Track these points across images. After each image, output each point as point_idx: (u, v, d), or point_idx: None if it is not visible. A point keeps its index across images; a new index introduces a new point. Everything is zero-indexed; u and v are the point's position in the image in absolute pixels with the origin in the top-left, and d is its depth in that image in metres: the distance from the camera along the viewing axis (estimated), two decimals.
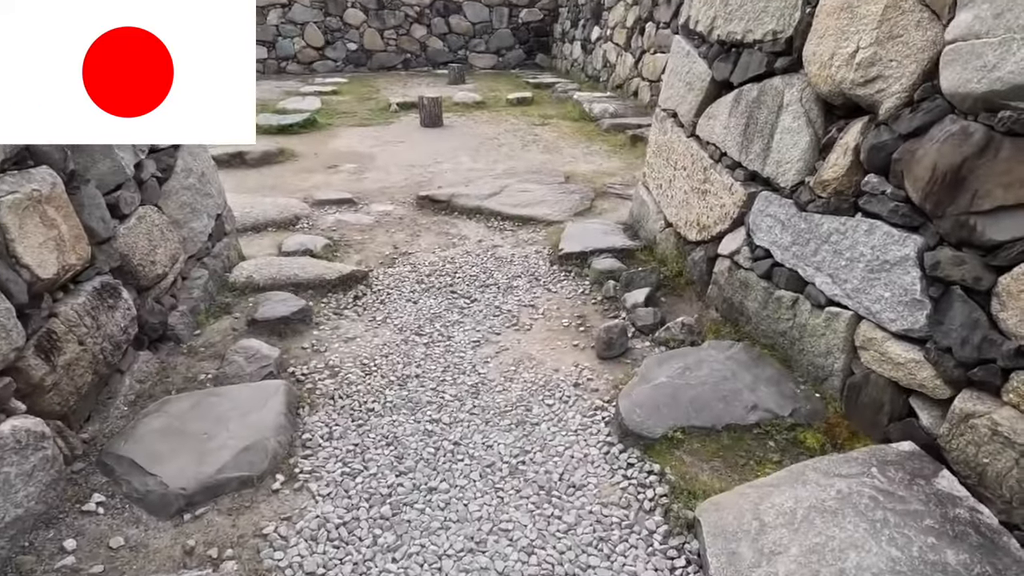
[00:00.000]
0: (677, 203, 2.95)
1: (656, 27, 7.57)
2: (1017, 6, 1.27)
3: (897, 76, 1.62)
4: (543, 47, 12.81)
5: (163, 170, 2.50)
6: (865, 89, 1.73)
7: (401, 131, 6.86)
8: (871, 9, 1.69)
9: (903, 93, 1.61)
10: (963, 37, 1.40)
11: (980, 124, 1.39)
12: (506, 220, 3.96)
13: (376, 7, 12.01)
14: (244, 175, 5.06)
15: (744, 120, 2.35)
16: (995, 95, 1.34)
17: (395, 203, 4.36)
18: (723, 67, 2.55)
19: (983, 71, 1.35)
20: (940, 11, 1.51)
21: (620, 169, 5.13)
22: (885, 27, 1.64)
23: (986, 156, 1.37)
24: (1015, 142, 1.31)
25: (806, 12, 2.03)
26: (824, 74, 1.89)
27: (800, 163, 2.04)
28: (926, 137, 1.54)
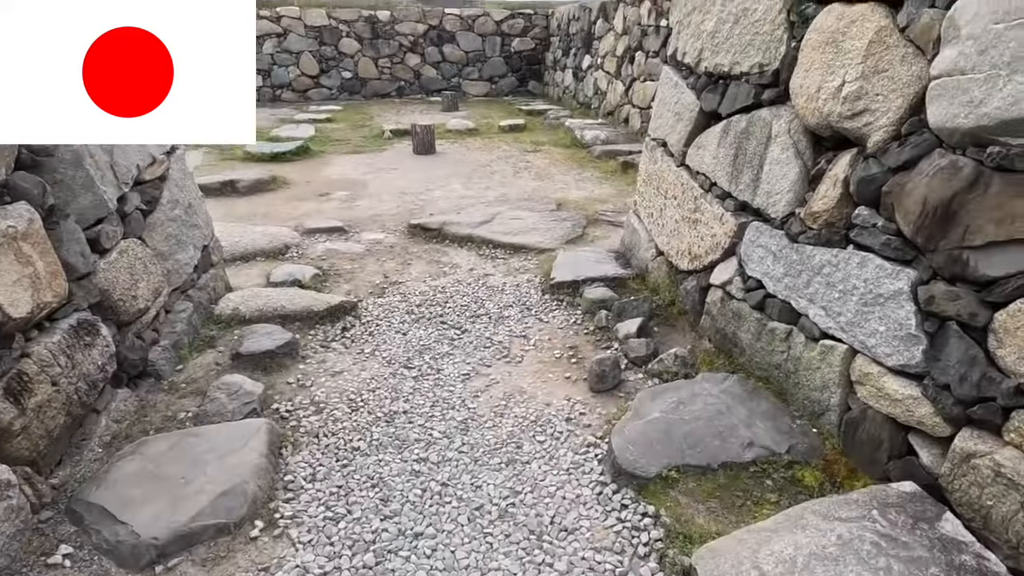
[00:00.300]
0: (668, 232, 2.93)
1: (646, 56, 7.70)
2: (1001, 43, 1.27)
3: (884, 110, 1.62)
4: (535, 75, 13.02)
5: (148, 202, 2.46)
6: (852, 122, 1.73)
7: (394, 158, 6.89)
8: (856, 44, 1.70)
9: (890, 127, 1.61)
10: (948, 73, 1.40)
11: (969, 159, 1.38)
12: (498, 248, 3.94)
13: (371, 36, 12.19)
14: (235, 203, 5.03)
15: (733, 151, 2.35)
16: (983, 130, 1.33)
17: (386, 231, 4.33)
18: (711, 98, 2.56)
19: (970, 106, 1.34)
20: (925, 47, 1.51)
21: (612, 196, 5.15)
22: (870, 62, 1.65)
23: (976, 191, 1.35)
24: (1005, 177, 1.30)
25: (791, 46, 2.05)
26: (811, 107, 1.89)
27: (790, 194, 2.03)
28: (915, 170, 1.53)
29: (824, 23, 1.84)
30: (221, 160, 6.68)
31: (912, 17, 1.54)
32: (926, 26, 1.49)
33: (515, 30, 12.66)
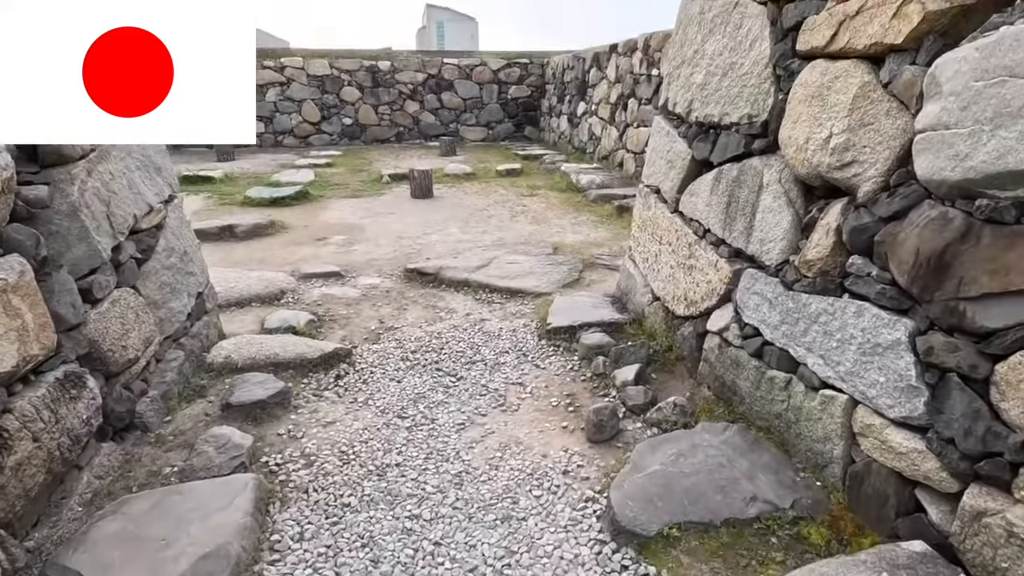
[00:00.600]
0: (664, 277, 2.94)
1: (638, 103, 7.93)
2: (982, 100, 1.30)
3: (872, 161, 1.64)
4: (531, 120, 13.36)
5: (143, 251, 2.46)
6: (841, 173, 1.75)
7: (392, 202, 6.97)
8: (841, 98, 1.74)
9: (879, 178, 1.63)
10: (932, 127, 1.43)
11: (959, 211, 1.39)
12: (494, 293, 3.94)
13: (371, 85, 12.56)
14: (232, 248, 5.06)
15: (726, 198, 2.38)
16: (970, 183, 1.34)
17: (383, 276, 4.34)
18: (702, 147, 2.61)
19: (956, 160, 1.36)
20: (908, 102, 1.55)
21: (607, 239, 5.19)
22: (856, 115, 1.68)
23: (968, 242, 1.36)
24: (995, 230, 1.31)
25: (778, 98, 2.10)
26: (801, 157, 1.92)
27: (783, 242, 2.04)
28: (906, 221, 1.54)
29: (809, 78, 1.89)
30: (220, 205, 6.75)
31: (894, 74, 1.59)
32: (908, 82, 1.53)
33: (511, 78, 13.07)
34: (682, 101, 2.80)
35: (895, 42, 1.57)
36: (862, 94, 1.67)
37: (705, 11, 2.61)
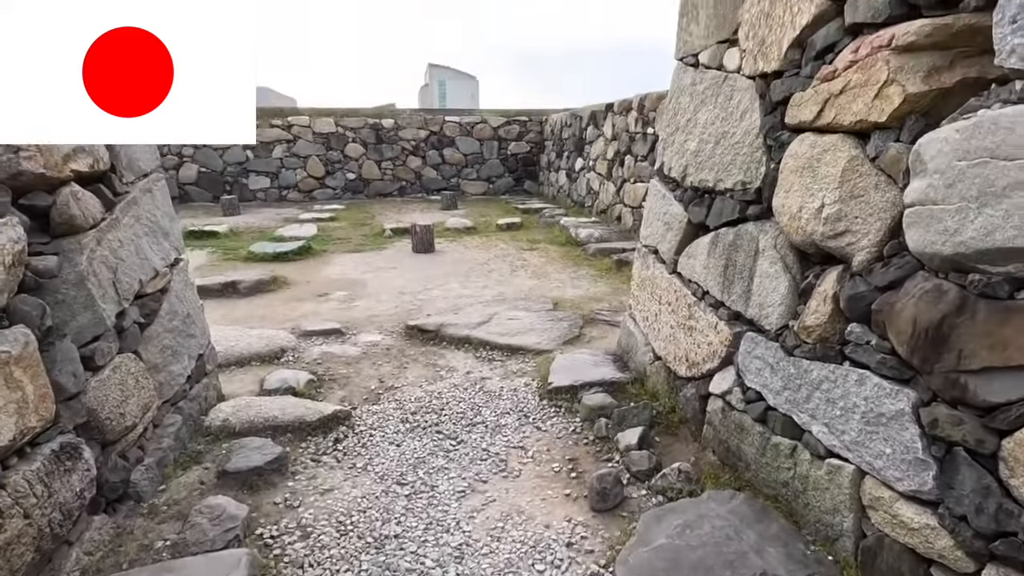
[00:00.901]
0: (664, 337, 2.94)
1: (635, 160, 8.15)
2: (967, 179, 1.35)
3: (864, 232, 1.68)
4: (531, 175, 13.69)
5: (147, 315, 2.48)
6: (835, 242, 1.79)
7: (393, 257, 7.06)
8: (831, 170, 1.80)
9: (872, 248, 1.66)
10: (920, 202, 1.47)
11: (952, 283, 1.41)
12: (495, 350, 3.93)
13: (375, 141, 12.96)
14: (234, 305, 5.08)
15: (723, 262, 2.41)
16: (962, 257, 1.37)
17: (383, 333, 4.34)
18: (698, 211, 2.67)
19: (945, 235, 1.40)
20: (895, 176, 1.60)
21: (607, 294, 5.22)
22: (846, 187, 1.74)
23: (964, 315, 1.38)
24: (990, 304, 1.32)
25: (771, 167, 2.17)
26: (795, 225, 1.96)
27: (782, 307, 2.06)
28: (902, 291, 1.56)
29: (799, 150, 1.96)
30: (224, 260, 6.83)
31: (880, 149, 1.65)
32: (894, 159, 1.59)
33: (511, 135, 13.49)
34: (677, 166, 2.89)
35: (879, 120, 1.64)
36: (850, 167, 1.73)
37: (696, 83, 2.73)
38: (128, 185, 2.42)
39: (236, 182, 12.37)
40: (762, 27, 2.20)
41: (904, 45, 1.55)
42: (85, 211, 2.05)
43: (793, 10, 2.00)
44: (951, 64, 1.51)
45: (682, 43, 2.91)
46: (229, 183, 12.36)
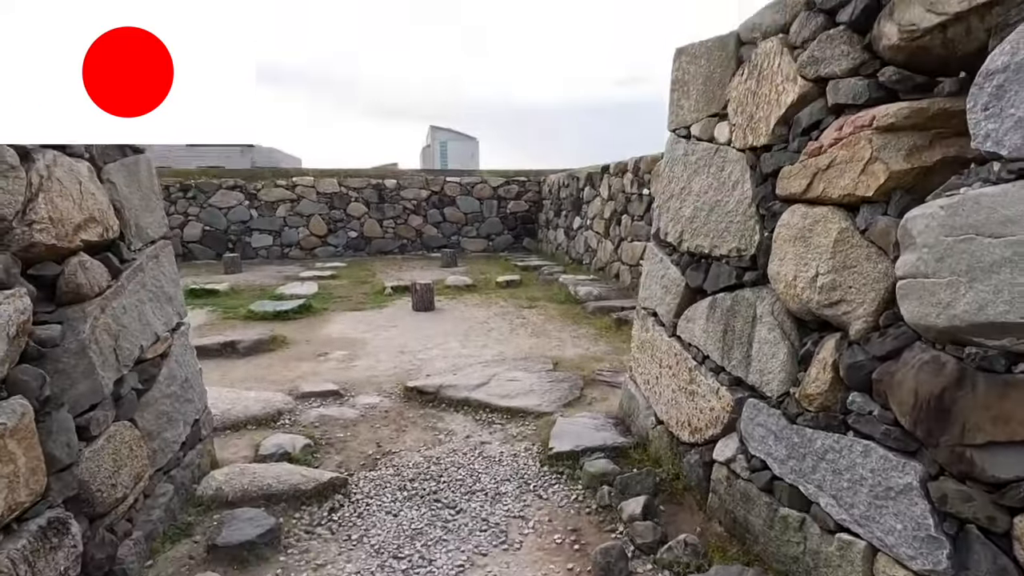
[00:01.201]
0: (666, 401, 2.92)
1: (631, 219, 8.33)
2: (955, 253, 1.38)
3: (859, 301, 1.71)
4: (530, 232, 13.94)
5: (145, 381, 2.47)
6: (831, 311, 1.81)
7: (393, 315, 7.07)
8: (823, 241, 1.85)
9: (868, 317, 1.68)
10: (912, 275, 1.50)
11: (950, 356, 1.43)
12: (495, 412, 3.87)
13: (377, 201, 13.27)
14: (232, 365, 5.05)
15: (722, 327, 2.43)
16: (957, 330, 1.39)
17: (382, 394, 4.29)
18: (695, 275, 2.72)
19: (939, 307, 1.42)
20: (886, 248, 1.64)
21: (607, 354, 5.20)
22: (839, 257, 1.78)
23: (964, 388, 1.38)
24: (989, 378, 1.33)
25: (764, 235, 2.22)
26: (791, 293, 2.00)
27: (782, 374, 2.06)
28: (900, 361, 1.57)
29: (791, 220, 2.02)
30: (224, 319, 6.84)
31: (869, 222, 1.70)
32: (883, 231, 1.64)
33: (510, 194, 13.84)
34: (673, 231, 2.96)
35: (866, 195, 1.70)
36: (842, 239, 1.77)
37: (689, 153, 2.84)
38: (135, 252, 2.47)
39: (239, 240, 12.57)
40: (749, 104, 2.31)
41: (884, 126, 1.64)
42: (92, 280, 2.08)
43: (778, 90, 2.12)
44: (931, 144, 1.59)
45: (674, 115, 3.05)
46: (232, 241, 12.55)
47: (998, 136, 1.30)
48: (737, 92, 2.43)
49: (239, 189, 12.60)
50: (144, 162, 2.62)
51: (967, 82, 1.44)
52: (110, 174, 2.34)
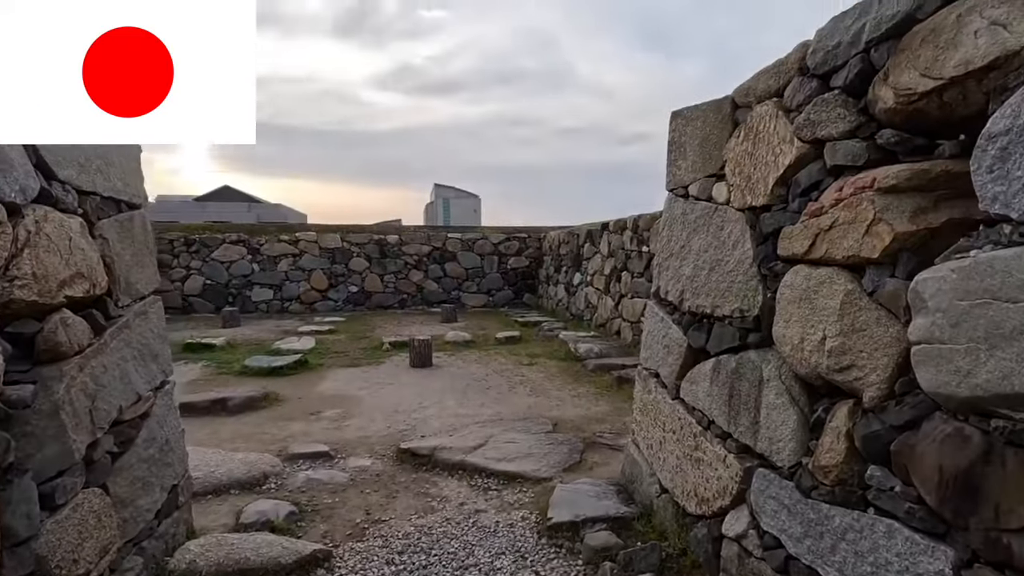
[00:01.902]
0: (671, 468, 2.77)
1: (631, 276, 8.32)
2: (971, 319, 1.31)
3: (872, 367, 1.62)
4: (530, 288, 13.95)
5: (121, 443, 2.34)
6: (842, 376, 1.73)
7: (390, 372, 6.93)
8: (829, 303, 1.78)
9: (882, 384, 1.59)
10: (926, 340, 1.43)
11: (975, 428, 1.33)
12: (491, 477, 3.69)
13: (379, 255, 13.35)
14: (221, 424, 4.88)
15: (727, 390, 2.33)
16: (980, 400, 1.30)
17: (374, 456, 4.11)
18: (698, 336, 2.64)
19: (958, 375, 1.34)
20: (896, 311, 1.57)
21: (608, 414, 5.04)
22: (846, 320, 1.71)
23: (993, 464, 1.27)
24: (1020, 454, 1.23)
25: (767, 296, 2.16)
26: (798, 356, 1.91)
27: (793, 442, 1.94)
28: (920, 433, 1.47)
29: (794, 281, 1.97)
30: (218, 374, 6.71)
31: (876, 284, 1.64)
32: (892, 294, 1.58)
33: (511, 250, 13.94)
34: (674, 291, 2.91)
35: (871, 256, 1.65)
36: (849, 301, 1.71)
37: (688, 212, 2.83)
38: (123, 309, 2.41)
39: (239, 294, 12.57)
40: (747, 165, 2.31)
41: (886, 187, 1.61)
42: (72, 338, 2.00)
43: (775, 151, 2.12)
44: (935, 205, 1.55)
45: (672, 176, 3.06)
46: (232, 295, 12.55)
47: (1006, 199, 1.26)
48: (734, 153, 2.43)
49: (242, 243, 12.72)
50: (139, 218, 2.60)
51: (968, 144, 1.42)
52: (103, 230, 2.31)
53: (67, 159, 2.08)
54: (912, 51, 1.53)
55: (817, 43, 1.92)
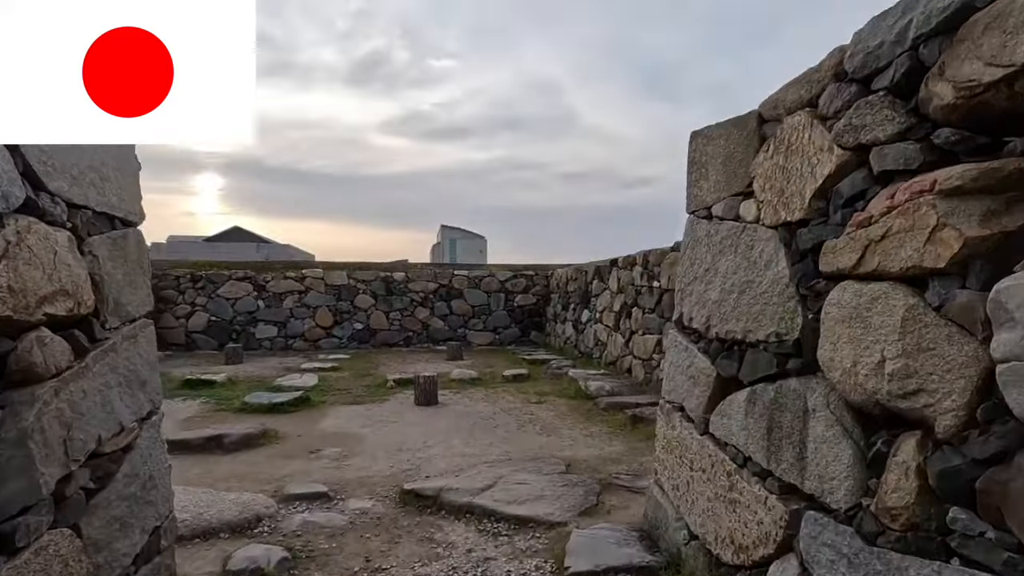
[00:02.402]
0: (701, 511, 2.51)
1: (642, 312, 8.12)
2: None
3: (945, 391, 1.42)
4: (537, 326, 13.73)
5: (99, 478, 2.13)
6: (908, 403, 1.52)
7: (394, 409, 6.68)
8: (886, 320, 1.60)
9: (960, 411, 1.39)
10: (1016, 357, 1.24)
11: None
12: (501, 522, 3.41)
13: (385, 293, 13.23)
14: (216, 462, 4.63)
15: (765, 423, 2.11)
16: None
17: (375, 498, 3.85)
18: (728, 364, 2.44)
19: None
20: (971, 327, 1.39)
21: (624, 454, 4.76)
22: (910, 339, 1.52)
23: None
24: None
25: (808, 317, 1.98)
26: (851, 382, 1.71)
27: (849, 481, 1.71)
28: (1014, 467, 1.25)
29: (841, 298, 1.79)
30: (216, 411, 6.49)
31: (944, 298, 1.46)
32: (965, 307, 1.40)
33: (518, 288, 13.80)
34: (698, 316, 2.72)
35: (936, 266, 1.47)
36: (911, 317, 1.52)
37: (712, 234, 2.68)
38: (111, 331, 2.25)
39: (244, 331, 12.42)
40: (779, 179, 2.17)
41: (949, 190, 1.45)
42: (49, 359, 1.83)
43: (812, 162, 1.97)
44: (1007, 207, 1.38)
45: (693, 197, 2.93)
46: (236, 331, 12.40)
47: None
48: (763, 168, 2.30)
49: (248, 280, 12.66)
50: (134, 236, 2.47)
51: None
52: (93, 246, 2.17)
53: (58, 169, 1.96)
54: (973, 40, 1.40)
55: (855, 46, 1.81)
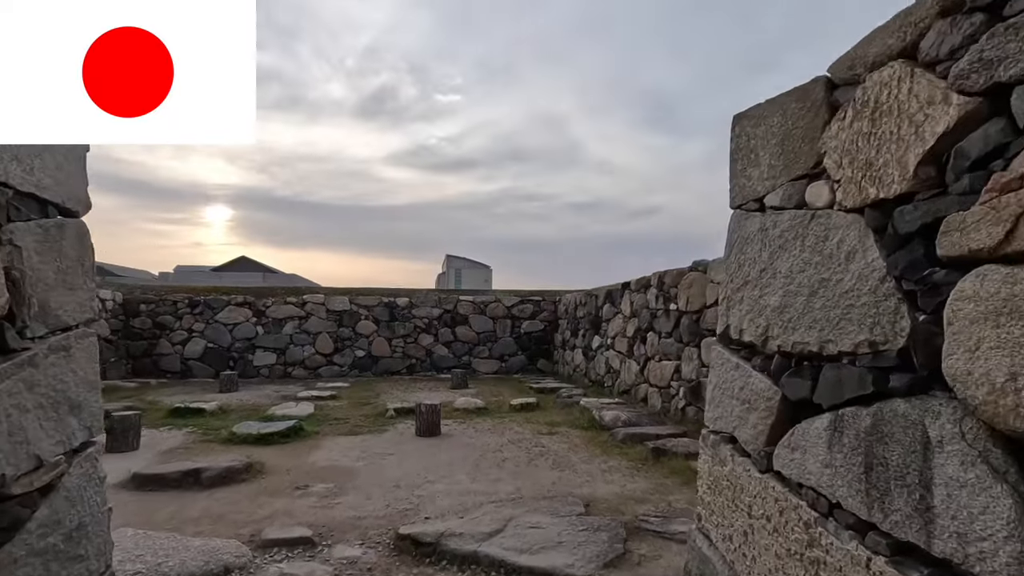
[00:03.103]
0: (767, 571, 2.00)
1: (658, 336, 7.63)
2: None
3: None
4: (544, 353, 13.20)
5: (5, 528, 1.67)
6: None
7: (393, 440, 6.16)
8: None
9: None
10: None
11: None
12: (512, 575, 2.89)
13: (388, 319, 12.78)
14: (191, 500, 4.12)
15: (861, 459, 1.63)
16: None
17: (366, 543, 3.33)
18: (797, 383, 1.97)
19: None
20: None
21: (649, 492, 4.22)
22: None
23: None
24: None
25: (918, 319, 1.52)
26: (1002, 403, 1.24)
27: (1011, 543, 1.23)
28: None
29: (979, 290, 1.33)
30: (201, 442, 5.99)
31: None
32: None
33: (525, 314, 13.33)
34: (752, 328, 2.26)
35: None
36: None
37: (768, 228, 2.24)
38: (32, 341, 1.81)
39: (241, 358, 11.96)
40: (864, 149, 1.74)
41: None
42: None
43: (916, 120, 1.55)
44: None
45: (738, 189, 2.50)
46: (234, 359, 11.95)
47: None
48: (838, 141, 1.87)
49: (248, 306, 12.26)
50: (74, 228, 2.06)
51: None
52: (14, 235, 1.76)
53: None
54: None
55: None
